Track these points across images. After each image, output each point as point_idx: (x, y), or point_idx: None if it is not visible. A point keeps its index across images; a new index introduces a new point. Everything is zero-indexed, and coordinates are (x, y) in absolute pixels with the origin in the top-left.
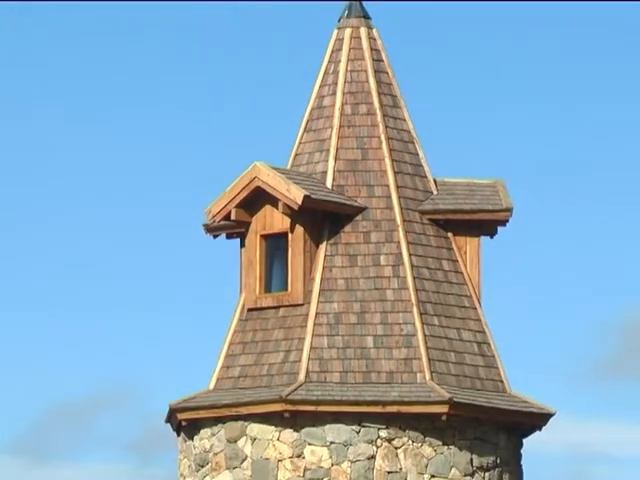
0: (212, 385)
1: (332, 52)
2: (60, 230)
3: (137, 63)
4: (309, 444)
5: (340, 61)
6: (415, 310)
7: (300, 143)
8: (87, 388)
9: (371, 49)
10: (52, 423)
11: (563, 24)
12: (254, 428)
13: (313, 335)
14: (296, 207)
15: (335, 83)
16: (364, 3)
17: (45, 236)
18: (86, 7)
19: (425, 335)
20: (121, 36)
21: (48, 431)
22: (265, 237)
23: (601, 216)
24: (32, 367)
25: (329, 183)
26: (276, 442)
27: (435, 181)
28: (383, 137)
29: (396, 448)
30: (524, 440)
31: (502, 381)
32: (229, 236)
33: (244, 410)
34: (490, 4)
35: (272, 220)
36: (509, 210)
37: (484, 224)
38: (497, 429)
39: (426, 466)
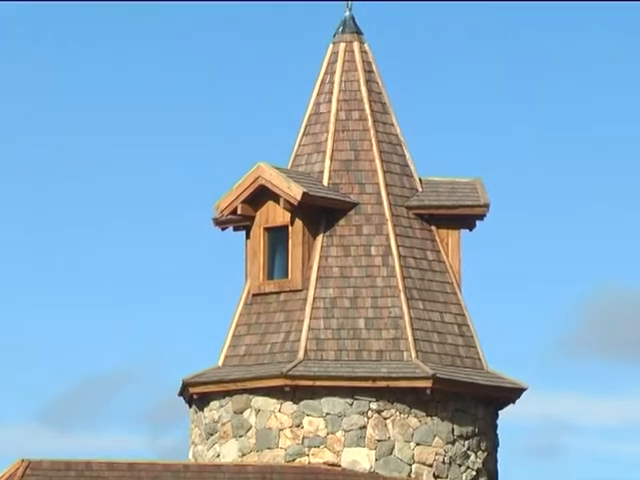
0: (220, 362)
1: (328, 64)
2: (86, 217)
3: (155, 74)
4: (307, 415)
5: (335, 72)
6: (402, 295)
7: (299, 145)
8: (108, 365)
9: (363, 61)
10: (76, 396)
11: (538, 31)
12: (258, 401)
13: (311, 318)
14: (296, 203)
15: (331, 92)
16: (356, 20)
17: (80, 224)
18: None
19: (411, 318)
20: (141, 51)
21: (72, 403)
22: (268, 230)
23: (568, 212)
24: (59, 345)
25: (325, 181)
26: (277, 413)
27: (420, 180)
28: (373, 140)
29: (385, 419)
30: (499, 412)
31: (480, 359)
32: (236, 229)
33: (249, 385)
34: (467, 18)
35: (274, 214)
36: (486, 206)
37: (464, 218)
38: (475, 402)
39: (412, 435)
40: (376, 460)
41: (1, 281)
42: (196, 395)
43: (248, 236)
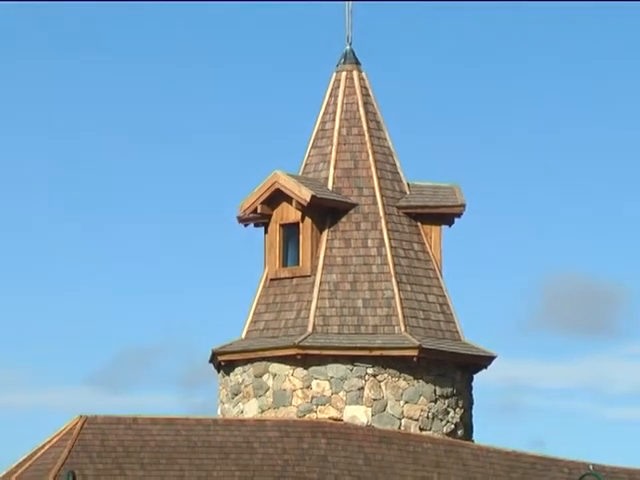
0: (243, 335)
1: (332, 89)
2: (138, 213)
3: (197, 100)
4: (315, 378)
5: (338, 96)
6: (393, 280)
7: (308, 156)
8: (150, 336)
9: (361, 87)
10: (123, 362)
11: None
12: (274, 367)
13: (318, 298)
14: (305, 204)
15: (334, 112)
16: (355, 53)
17: (131, 219)
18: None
19: (401, 298)
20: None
21: (120, 368)
22: (282, 226)
23: (532, 211)
24: (111, 320)
25: (330, 186)
26: (291, 377)
27: (408, 184)
28: (370, 152)
29: (379, 382)
30: (474, 376)
31: (458, 332)
32: (256, 225)
33: (267, 353)
34: (443, 40)
35: (288, 213)
36: (463, 206)
37: (444, 216)
38: (454, 368)
39: (401, 395)
40: (372, 416)
41: (63, 262)
42: (223, 362)
43: (266, 231)
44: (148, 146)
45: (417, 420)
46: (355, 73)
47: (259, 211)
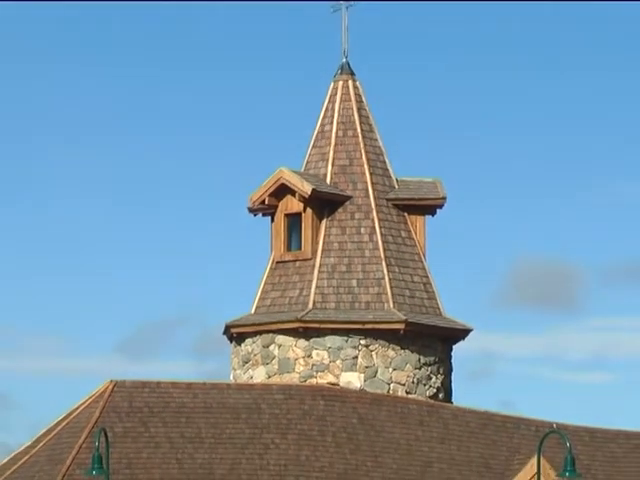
0: (253, 310)
1: (330, 96)
2: (163, 204)
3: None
4: (315, 349)
5: (335, 102)
6: (383, 263)
7: (309, 155)
8: (172, 310)
9: (355, 95)
10: (145, 332)
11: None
12: (280, 338)
13: (317, 279)
14: (307, 196)
15: (332, 116)
16: (351, 65)
17: (160, 209)
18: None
19: (390, 279)
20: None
21: (143, 338)
22: (287, 215)
23: (505, 204)
24: (134, 294)
25: (328, 181)
26: (294, 347)
27: (396, 179)
28: (363, 151)
29: (371, 351)
30: (453, 346)
31: (439, 308)
32: (264, 215)
33: (273, 327)
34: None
35: (292, 204)
36: (444, 198)
37: (428, 207)
38: (436, 339)
39: (390, 363)
40: (364, 381)
41: (96, 244)
42: (235, 334)
43: (273, 220)
44: (182, 150)
45: (404, 385)
46: (350, 82)
47: (266, 202)
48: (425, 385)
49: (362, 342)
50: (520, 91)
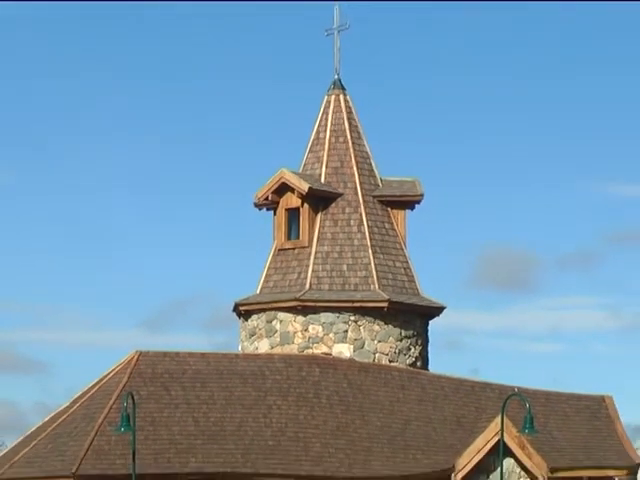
0: (258, 291)
1: (324, 108)
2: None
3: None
4: (311, 324)
5: (328, 113)
6: (370, 250)
7: (307, 158)
8: (185, 290)
9: (346, 107)
10: (164, 309)
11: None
12: (281, 315)
13: (313, 264)
14: (304, 193)
15: (326, 125)
16: (342, 81)
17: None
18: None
19: (375, 264)
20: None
21: (162, 314)
22: (287, 210)
23: (478, 199)
24: (156, 276)
25: (322, 180)
26: (293, 322)
27: (381, 179)
28: (352, 155)
29: (359, 326)
30: (429, 321)
31: (417, 289)
32: (267, 209)
33: (275, 305)
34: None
35: (291, 200)
36: (422, 195)
37: (408, 203)
38: (415, 315)
39: (375, 335)
40: (353, 351)
41: (126, 228)
42: (243, 311)
43: (275, 214)
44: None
45: (387, 354)
46: (341, 96)
47: (270, 199)
48: (405, 355)
49: (351, 318)
50: (486, 100)
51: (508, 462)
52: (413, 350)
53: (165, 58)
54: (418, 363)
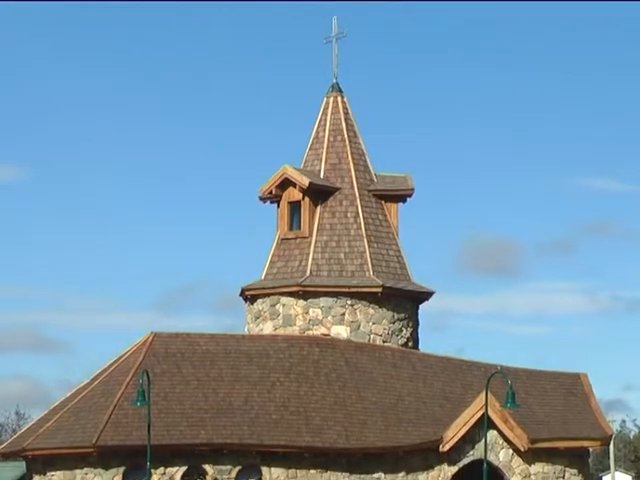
0: (263, 277)
1: (323, 109)
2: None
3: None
4: (311, 307)
5: (327, 114)
6: (365, 240)
7: (307, 155)
8: (195, 276)
9: (343, 108)
10: (175, 293)
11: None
12: (284, 299)
13: (313, 252)
14: (305, 188)
15: (325, 125)
16: (340, 85)
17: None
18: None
19: (370, 252)
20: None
21: (173, 298)
22: (290, 203)
23: (458, 191)
24: (167, 262)
25: (322, 175)
26: (295, 306)
27: (375, 175)
28: (349, 153)
29: (355, 309)
30: (420, 305)
31: (409, 275)
32: (271, 202)
33: (279, 290)
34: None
35: (293, 194)
36: (413, 189)
37: (400, 196)
38: (406, 299)
39: (370, 318)
40: (350, 332)
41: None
42: (249, 295)
43: (278, 206)
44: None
45: (381, 335)
46: (339, 99)
47: (273, 193)
48: (397, 336)
49: (348, 302)
50: (470, 101)
51: (492, 434)
52: (405, 331)
53: (179, 59)
54: (409, 343)
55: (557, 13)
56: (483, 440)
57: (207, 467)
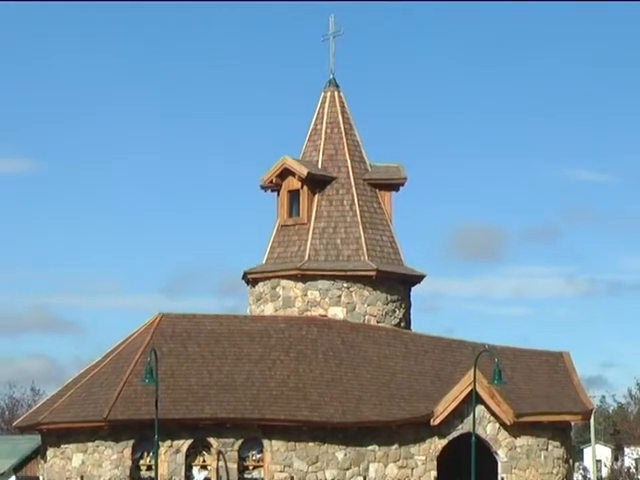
0: (264, 261)
1: (321, 103)
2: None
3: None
4: (309, 290)
5: (325, 108)
6: (360, 226)
7: (306, 146)
8: (200, 260)
9: (340, 102)
10: (181, 276)
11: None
12: (284, 282)
13: (311, 238)
14: (304, 177)
15: (322, 118)
16: (337, 80)
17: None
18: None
19: (365, 238)
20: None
21: (179, 281)
22: (289, 192)
23: (448, 181)
24: (174, 246)
25: (319, 166)
26: (294, 288)
27: (370, 165)
28: (345, 144)
29: (351, 291)
30: (412, 287)
31: (401, 259)
32: (272, 191)
33: (279, 273)
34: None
35: (292, 183)
36: (405, 179)
37: (393, 185)
38: (399, 282)
39: (365, 300)
40: (346, 313)
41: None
42: (251, 279)
43: (278, 195)
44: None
45: (375, 316)
46: (336, 93)
47: (274, 182)
48: (391, 316)
49: (344, 285)
50: (459, 95)
51: (479, 409)
52: (397, 312)
53: (189, 56)
54: (402, 324)
55: (541, 5)
56: (471, 415)
57: (211, 440)
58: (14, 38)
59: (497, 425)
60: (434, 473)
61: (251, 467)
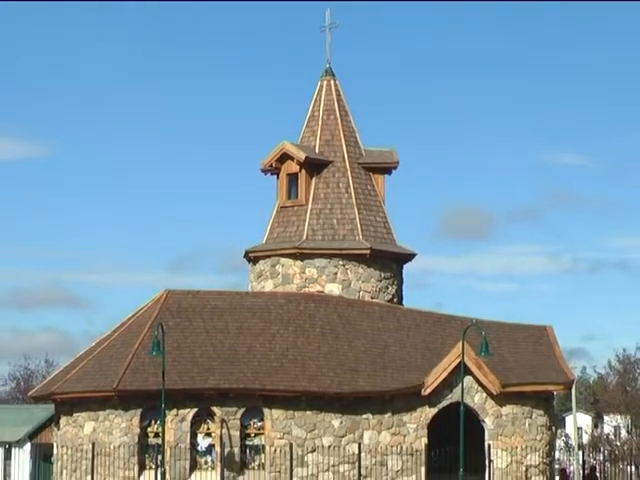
0: (264, 241)
1: (318, 91)
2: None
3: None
4: (307, 267)
5: (322, 95)
6: (355, 207)
7: (304, 132)
8: (203, 239)
9: (336, 90)
10: (187, 255)
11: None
12: (283, 260)
13: (309, 219)
14: (302, 161)
15: (319, 105)
16: (333, 69)
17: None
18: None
19: (359, 219)
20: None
21: (184, 258)
22: (288, 175)
23: (438, 164)
24: (180, 226)
25: (317, 150)
26: (292, 266)
27: (364, 149)
28: (341, 129)
29: (347, 269)
30: (404, 265)
31: (394, 239)
32: (272, 174)
33: (278, 252)
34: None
35: (291, 167)
36: (397, 162)
37: (386, 169)
38: (391, 260)
39: (360, 277)
40: (342, 290)
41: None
42: (252, 257)
43: (278, 178)
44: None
45: (369, 292)
46: (332, 82)
47: (273, 166)
48: (384, 293)
49: (340, 263)
50: (449, 82)
51: (468, 379)
52: (390, 289)
53: (193, 45)
54: (394, 299)
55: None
56: (460, 385)
57: (215, 409)
58: (14, 30)
59: (484, 395)
60: (425, 440)
61: (252, 434)
